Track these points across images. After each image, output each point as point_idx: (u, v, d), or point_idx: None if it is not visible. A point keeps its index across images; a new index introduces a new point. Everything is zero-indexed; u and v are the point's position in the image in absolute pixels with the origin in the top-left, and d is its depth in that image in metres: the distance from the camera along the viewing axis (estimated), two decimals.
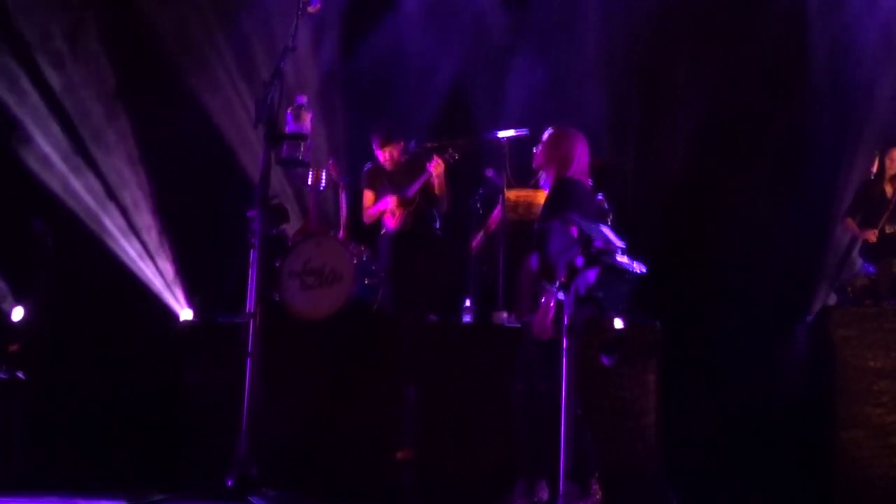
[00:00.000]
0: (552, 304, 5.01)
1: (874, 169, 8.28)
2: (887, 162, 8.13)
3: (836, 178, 8.88)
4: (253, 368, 5.17)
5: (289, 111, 5.29)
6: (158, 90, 8.72)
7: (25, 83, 8.31)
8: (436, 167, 7.52)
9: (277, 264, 6.91)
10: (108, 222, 8.29)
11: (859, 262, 8.47)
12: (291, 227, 8.35)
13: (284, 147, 5.31)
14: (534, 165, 5.70)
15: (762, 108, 9.11)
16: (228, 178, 8.59)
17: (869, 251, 8.20)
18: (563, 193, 5.32)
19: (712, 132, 9.05)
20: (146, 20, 8.74)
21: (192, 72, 8.84)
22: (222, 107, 8.85)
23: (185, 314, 7.33)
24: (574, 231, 4.50)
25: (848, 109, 9.06)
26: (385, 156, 7.79)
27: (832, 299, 8.28)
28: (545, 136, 5.58)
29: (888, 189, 8.14)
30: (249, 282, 5.24)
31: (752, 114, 9.11)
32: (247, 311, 5.22)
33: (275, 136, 5.26)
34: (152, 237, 8.41)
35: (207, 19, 8.99)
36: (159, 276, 8.27)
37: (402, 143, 7.81)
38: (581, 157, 5.46)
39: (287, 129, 5.30)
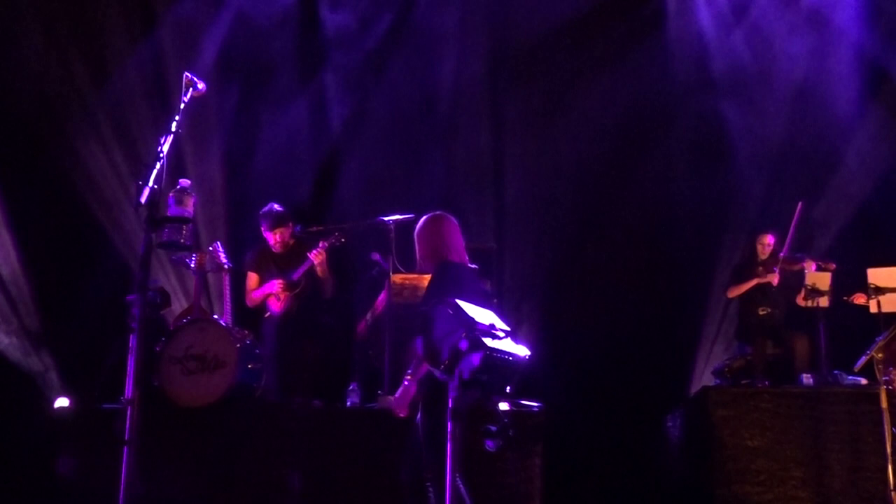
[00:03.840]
0: (413, 385, 5.06)
1: (745, 255, 8.59)
2: (759, 248, 8.43)
3: (707, 264, 9.18)
4: (130, 457, 5.01)
5: (171, 194, 5.22)
6: (31, 170, 8.53)
7: None
8: (316, 255, 7.48)
9: (158, 349, 6.77)
10: None
11: (735, 343, 8.73)
12: (172, 312, 8.20)
13: (166, 230, 5.22)
14: (417, 259, 5.70)
15: (635, 202, 9.42)
16: (106, 263, 8.41)
17: (744, 333, 8.45)
18: (443, 277, 5.35)
19: (589, 222, 9.33)
20: (16, 95, 8.58)
21: (68, 152, 8.69)
22: (100, 189, 8.70)
23: (61, 401, 7.09)
24: (456, 314, 4.50)
25: (716, 201, 9.41)
26: (275, 238, 7.74)
27: (710, 380, 8.48)
28: (417, 227, 5.61)
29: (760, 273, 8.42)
30: (128, 367, 5.10)
31: (625, 206, 9.43)
32: (124, 397, 5.07)
33: (156, 220, 5.17)
34: (27, 323, 8.16)
35: (85, 97, 8.86)
36: (34, 362, 8.01)
37: (291, 227, 7.78)
38: (454, 238, 5.50)
39: (169, 213, 5.21)
